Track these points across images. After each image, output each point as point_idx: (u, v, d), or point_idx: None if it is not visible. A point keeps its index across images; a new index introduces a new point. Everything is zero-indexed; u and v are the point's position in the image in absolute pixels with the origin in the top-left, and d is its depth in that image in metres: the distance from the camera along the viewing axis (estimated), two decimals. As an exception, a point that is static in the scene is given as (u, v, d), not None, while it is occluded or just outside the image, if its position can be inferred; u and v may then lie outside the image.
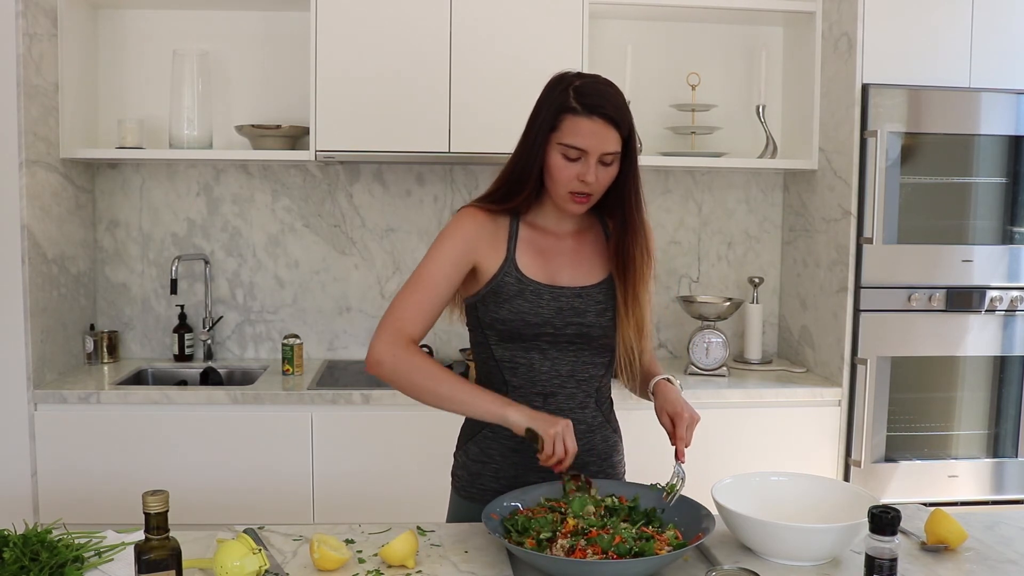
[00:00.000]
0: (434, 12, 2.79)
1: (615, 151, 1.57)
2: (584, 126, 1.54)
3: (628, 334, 1.64)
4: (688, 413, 1.62)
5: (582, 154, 1.56)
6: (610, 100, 1.56)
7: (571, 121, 1.55)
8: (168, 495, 1.21)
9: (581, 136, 1.54)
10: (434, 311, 1.64)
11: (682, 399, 1.66)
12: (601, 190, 1.61)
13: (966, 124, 2.77)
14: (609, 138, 1.55)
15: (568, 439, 1.50)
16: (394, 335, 1.60)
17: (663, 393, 1.67)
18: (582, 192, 1.59)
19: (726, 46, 3.24)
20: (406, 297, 1.63)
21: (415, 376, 1.59)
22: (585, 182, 1.56)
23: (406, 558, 1.41)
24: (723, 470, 1.72)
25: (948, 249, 2.80)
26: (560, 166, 1.57)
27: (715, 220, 3.30)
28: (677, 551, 1.35)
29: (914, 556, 1.49)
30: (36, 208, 2.65)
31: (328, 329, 3.22)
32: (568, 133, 1.55)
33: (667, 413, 1.64)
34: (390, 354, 1.59)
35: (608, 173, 1.59)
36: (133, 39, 3.08)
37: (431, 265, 1.63)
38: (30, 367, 2.61)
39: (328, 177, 3.18)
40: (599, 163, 1.56)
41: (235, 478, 2.65)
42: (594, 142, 1.54)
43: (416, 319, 1.61)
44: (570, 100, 1.55)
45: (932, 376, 2.88)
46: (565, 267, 1.67)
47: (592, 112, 1.54)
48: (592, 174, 1.56)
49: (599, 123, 1.54)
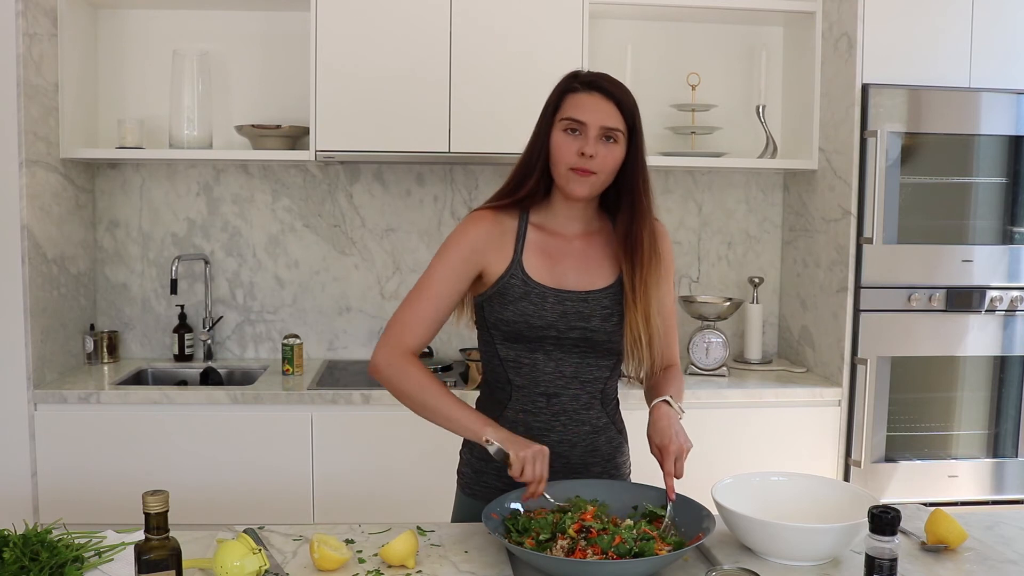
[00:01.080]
0: (434, 12, 2.79)
1: (615, 127, 1.58)
2: (582, 99, 1.60)
3: (636, 322, 1.62)
4: (676, 445, 1.57)
5: (581, 127, 1.58)
6: (610, 80, 1.62)
7: (571, 98, 1.61)
8: (168, 495, 1.21)
9: (580, 108, 1.59)
10: (437, 319, 1.66)
11: (673, 429, 1.59)
12: (604, 170, 1.60)
13: (966, 124, 2.77)
14: (608, 112, 1.58)
15: (538, 464, 1.49)
16: (393, 344, 1.64)
17: (655, 420, 1.63)
18: (583, 168, 1.59)
19: (726, 46, 3.24)
20: (409, 306, 1.65)
21: (404, 385, 1.63)
22: (584, 155, 1.58)
23: (406, 558, 1.41)
24: (723, 470, 1.72)
25: (948, 249, 2.80)
26: (561, 142, 1.60)
27: (715, 220, 3.30)
28: (677, 551, 1.35)
29: (914, 556, 1.49)
30: (36, 208, 2.65)
31: (328, 329, 3.22)
32: (569, 108, 1.61)
33: (655, 444, 1.61)
34: (386, 363, 1.64)
35: (611, 152, 1.59)
36: (133, 39, 3.08)
37: (434, 274, 1.66)
38: (30, 367, 2.61)
39: (328, 177, 3.18)
40: (601, 139, 1.58)
41: (235, 478, 2.65)
42: (593, 115, 1.58)
43: (417, 328, 1.64)
44: (571, 83, 1.63)
45: (932, 376, 2.88)
46: (572, 270, 1.67)
47: (590, 87, 1.60)
48: (591, 147, 1.57)
49: (596, 96, 1.59)
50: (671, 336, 1.77)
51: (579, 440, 1.70)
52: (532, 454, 1.49)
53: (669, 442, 1.57)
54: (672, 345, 1.77)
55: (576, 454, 1.70)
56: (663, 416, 1.62)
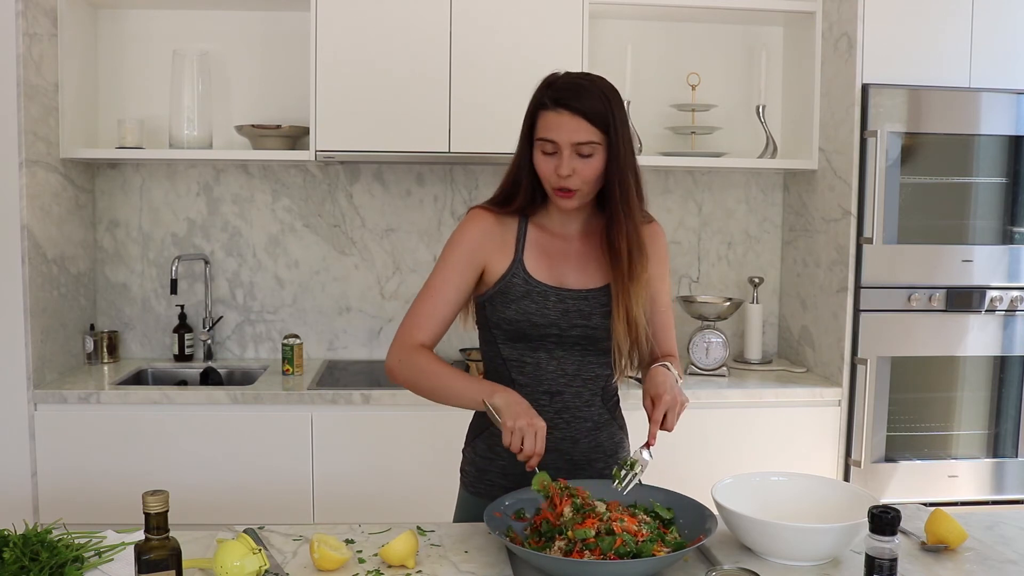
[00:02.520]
0: (434, 12, 2.79)
1: (587, 141, 1.57)
2: (552, 119, 1.58)
3: (619, 330, 1.63)
4: (671, 396, 1.57)
5: (555, 147, 1.58)
6: (580, 93, 1.57)
7: (543, 117, 1.60)
8: (168, 495, 1.21)
9: (550, 129, 1.58)
10: (445, 317, 1.67)
11: (670, 382, 1.61)
12: (586, 184, 1.60)
13: (966, 124, 2.77)
14: (577, 128, 1.56)
15: (527, 439, 1.47)
16: (402, 343, 1.66)
17: (652, 376, 1.64)
18: (563, 187, 1.60)
19: (726, 46, 3.24)
20: (416, 306, 1.68)
21: (415, 375, 1.64)
22: (559, 175, 1.58)
23: (406, 558, 1.41)
24: (723, 470, 1.73)
25: (948, 249, 2.80)
26: (540, 161, 1.61)
27: (715, 220, 3.30)
28: (677, 552, 1.35)
29: (914, 556, 1.49)
30: (36, 208, 2.65)
31: (328, 329, 3.22)
32: (542, 128, 1.59)
33: (649, 395, 1.61)
34: (397, 360, 1.65)
35: (589, 165, 1.59)
36: (133, 39, 3.08)
37: (439, 273, 1.68)
38: (30, 367, 2.61)
39: (328, 177, 3.18)
40: (576, 155, 1.57)
41: (235, 478, 2.65)
42: (562, 134, 1.57)
43: (425, 326, 1.66)
44: (543, 97, 1.59)
45: (932, 376, 2.88)
46: (571, 269, 1.69)
47: (557, 104, 1.57)
48: (566, 166, 1.57)
49: (565, 115, 1.56)
50: (668, 330, 1.78)
51: (582, 437, 1.71)
52: (524, 425, 1.48)
53: (663, 391, 1.58)
54: (670, 338, 1.79)
55: (579, 451, 1.71)
56: (660, 373, 1.63)
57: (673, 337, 1.80)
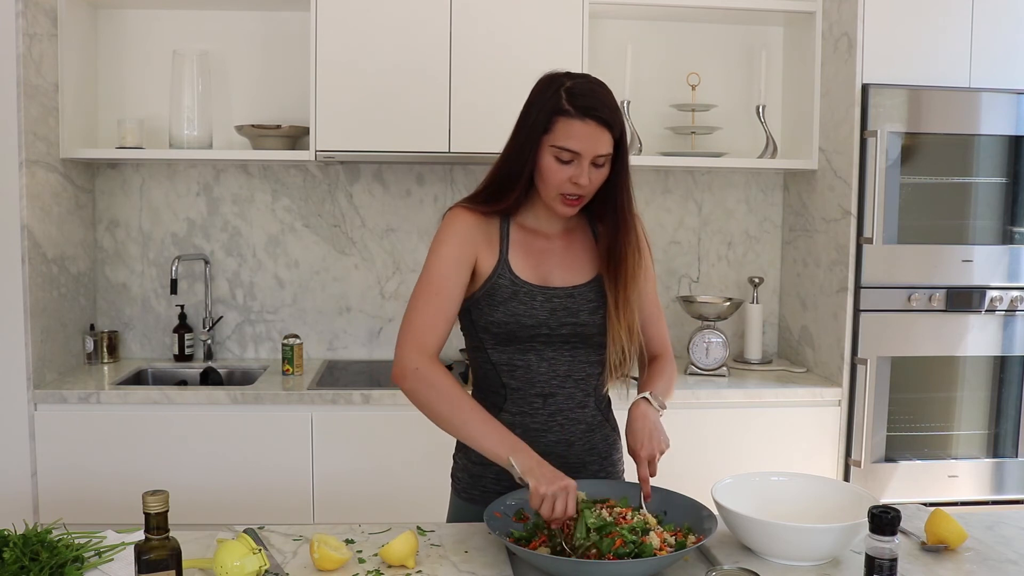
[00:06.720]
0: (434, 13, 2.79)
1: (608, 153, 1.57)
2: (578, 129, 1.53)
3: (620, 335, 1.63)
4: (647, 451, 1.57)
5: (575, 156, 1.55)
6: (603, 102, 1.55)
7: (564, 123, 1.54)
8: (168, 495, 1.21)
9: (575, 139, 1.54)
10: (450, 316, 1.62)
11: (647, 429, 1.59)
12: (592, 192, 1.61)
13: (966, 124, 2.77)
14: (602, 140, 1.55)
15: (559, 503, 1.40)
16: (417, 348, 1.58)
17: (631, 422, 1.62)
18: (574, 194, 1.58)
19: (726, 46, 3.24)
20: (420, 307, 1.61)
21: (431, 393, 1.56)
22: (578, 184, 1.56)
23: (406, 558, 1.41)
24: (723, 470, 1.72)
25: (948, 249, 2.80)
26: (553, 168, 1.57)
27: (715, 220, 3.30)
28: (677, 552, 1.35)
29: (914, 556, 1.49)
30: (36, 208, 2.65)
31: (328, 329, 3.22)
32: (562, 136, 1.54)
33: (629, 447, 1.61)
34: (412, 368, 1.57)
35: (600, 174, 1.59)
36: (133, 39, 3.08)
37: (436, 271, 1.62)
38: (30, 367, 2.61)
39: (328, 177, 3.18)
40: (591, 165, 1.56)
41: (235, 478, 2.65)
42: (588, 145, 1.54)
43: (435, 327, 1.60)
44: (563, 102, 1.54)
45: (932, 376, 2.88)
46: (555, 267, 1.67)
47: (586, 115, 1.53)
48: (585, 176, 1.55)
49: (592, 125, 1.53)
50: (660, 325, 1.78)
51: (576, 439, 1.69)
52: (556, 491, 1.41)
53: (640, 447, 1.58)
54: (662, 334, 1.79)
55: (574, 453, 1.70)
56: (638, 417, 1.61)
57: (666, 330, 1.80)
